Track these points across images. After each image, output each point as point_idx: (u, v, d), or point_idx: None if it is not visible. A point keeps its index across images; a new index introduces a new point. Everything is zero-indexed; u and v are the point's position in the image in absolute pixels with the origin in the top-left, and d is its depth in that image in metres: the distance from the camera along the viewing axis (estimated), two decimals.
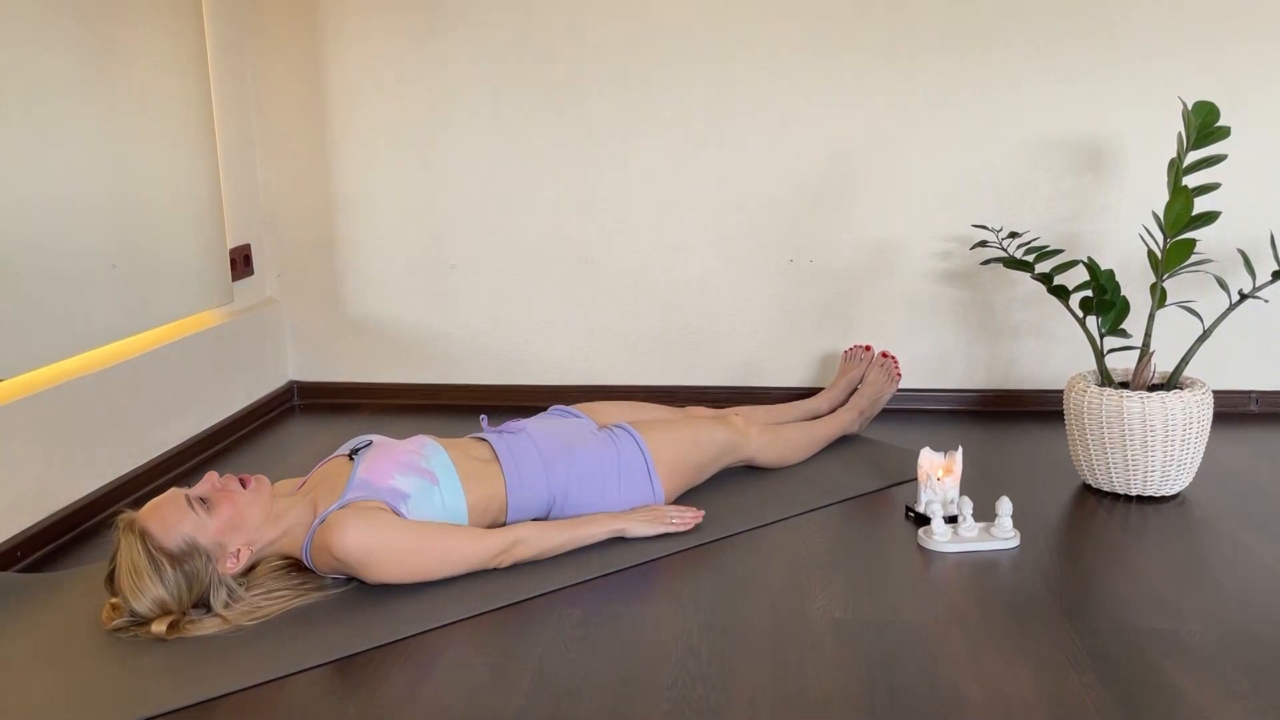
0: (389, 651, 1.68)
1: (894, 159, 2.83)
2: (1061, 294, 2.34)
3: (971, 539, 2.02)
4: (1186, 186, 2.15)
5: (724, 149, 2.88)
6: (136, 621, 1.72)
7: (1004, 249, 2.49)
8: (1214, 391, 2.29)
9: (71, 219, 2.25)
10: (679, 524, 2.06)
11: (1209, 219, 2.17)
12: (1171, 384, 2.26)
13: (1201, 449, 2.23)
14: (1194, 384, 2.25)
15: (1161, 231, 2.20)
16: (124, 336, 2.44)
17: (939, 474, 2.12)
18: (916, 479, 2.17)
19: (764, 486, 2.33)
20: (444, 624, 1.75)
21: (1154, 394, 2.18)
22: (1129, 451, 2.20)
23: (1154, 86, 2.70)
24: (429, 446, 2.00)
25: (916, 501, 2.16)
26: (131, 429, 2.43)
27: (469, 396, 3.09)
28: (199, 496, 1.79)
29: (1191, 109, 2.16)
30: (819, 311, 2.93)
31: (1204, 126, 2.15)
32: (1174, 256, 2.20)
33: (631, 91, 2.88)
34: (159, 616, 1.71)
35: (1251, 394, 2.84)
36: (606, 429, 2.19)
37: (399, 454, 1.95)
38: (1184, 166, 2.18)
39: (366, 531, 1.79)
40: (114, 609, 1.75)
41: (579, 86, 2.89)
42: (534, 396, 3.04)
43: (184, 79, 2.64)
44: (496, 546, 1.91)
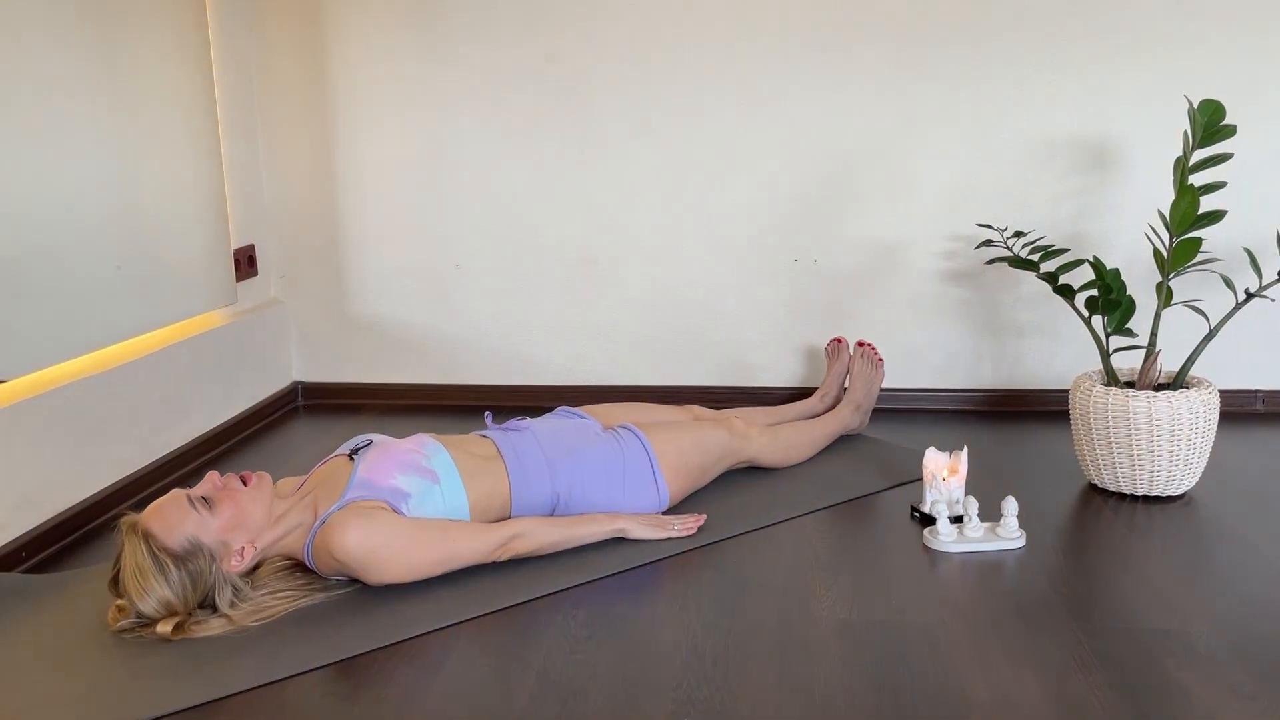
0: (393, 652, 1.67)
1: (898, 158, 2.83)
2: (1067, 293, 2.33)
3: (977, 539, 2.01)
4: (1192, 185, 2.15)
5: (728, 149, 2.88)
6: (142, 622, 1.72)
7: (1009, 248, 2.48)
8: (1220, 391, 2.29)
9: (76, 220, 2.25)
10: (681, 530, 2.06)
11: (1215, 218, 2.16)
12: (1177, 383, 2.26)
13: (1208, 449, 2.22)
14: (1200, 383, 2.24)
15: (1167, 230, 2.20)
16: (128, 337, 2.44)
17: (944, 474, 2.12)
18: (921, 479, 2.17)
19: (768, 487, 2.33)
20: (448, 624, 1.75)
21: (1160, 393, 2.18)
22: (1135, 451, 2.20)
23: (1160, 84, 2.70)
24: (430, 445, 2.00)
25: (922, 501, 2.15)
26: (136, 429, 2.43)
27: (473, 397, 3.09)
28: (201, 496, 1.79)
29: (1197, 107, 2.15)
30: (823, 312, 2.93)
31: (1210, 125, 2.15)
32: (1180, 255, 2.19)
33: (636, 91, 2.88)
34: (164, 617, 1.71)
35: (1257, 393, 2.83)
36: (611, 430, 2.19)
37: (400, 453, 1.95)
38: (1190, 165, 2.17)
39: (366, 532, 1.78)
40: (120, 610, 1.75)
41: (584, 88, 2.89)
42: (538, 397, 3.04)
43: (188, 80, 2.64)
44: (495, 540, 1.90)
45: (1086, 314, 2.31)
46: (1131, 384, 2.29)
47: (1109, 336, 2.29)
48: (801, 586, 1.87)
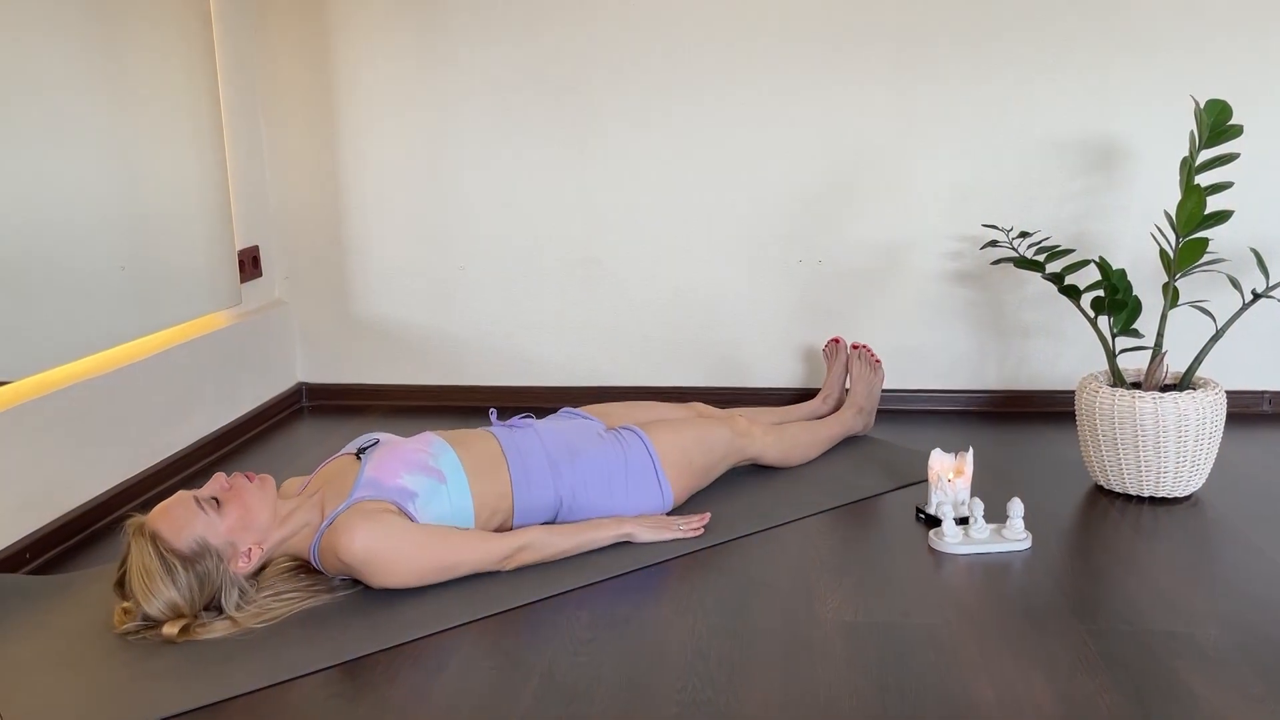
0: (397, 654, 1.67)
1: (903, 158, 2.82)
2: (1073, 294, 2.33)
3: (983, 541, 2.00)
4: (1199, 185, 2.14)
5: (732, 150, 2.87)
6: (148, 624, 1.72)
7: (1014, 249, 2.47)
8: (1227, 392, 2.28)
9: (80, 221, 2.25)
10: (686, 531, 2.06)
11: (1221, 218, 2.16)
12: (1184, 384, 2.25)
13: (1214, 450, 2.21)
14: (1207, 384, 2.23)
15: (1174, 231, 2.19)
16: (132, 338, 2.44)
17: (950, 475, 2.11)
18: (927, 480, 2.16)
19: (773, 488, 2.32)
20: (452, 626, 1.74)
21: (1166, 394, 2.17)
22: (1141, 452, 2.19)
23: (1166, 85, 2.69)
24: (436, 444, 1.99)
25: (927, 503, 2.15)
26: (140, 431, 2.43)
27: (477, 398, 3.09)
28: (208, 497, 1.79)
29: (1204, 107, 2.14)
30: (827, 313, 2.92)
31: (1216, 125, 2.14)
32: (1186, 256, 2.19)
33: (639, 92, 2.87)
34: (171, 619, 1.71)
35: (1264, 394, 2.82)
36: (614, 431, 2.18)
37: (407, 453, 1.95)
38: (1196, 165, 2.16)
39: (374, 535, 1.78)
40: (125, 613, 1.75)
41: (587, 89, 2.89)
42: (541, 398, 3.04)
43: (192, 81, 2.64)
44: (503, 550, 1.90)
45: (1093, 314, 2.31)
46: (1138, 385, 2.29)
47: (1115, 337, 2.28)
48: (806, 588, 1.86)
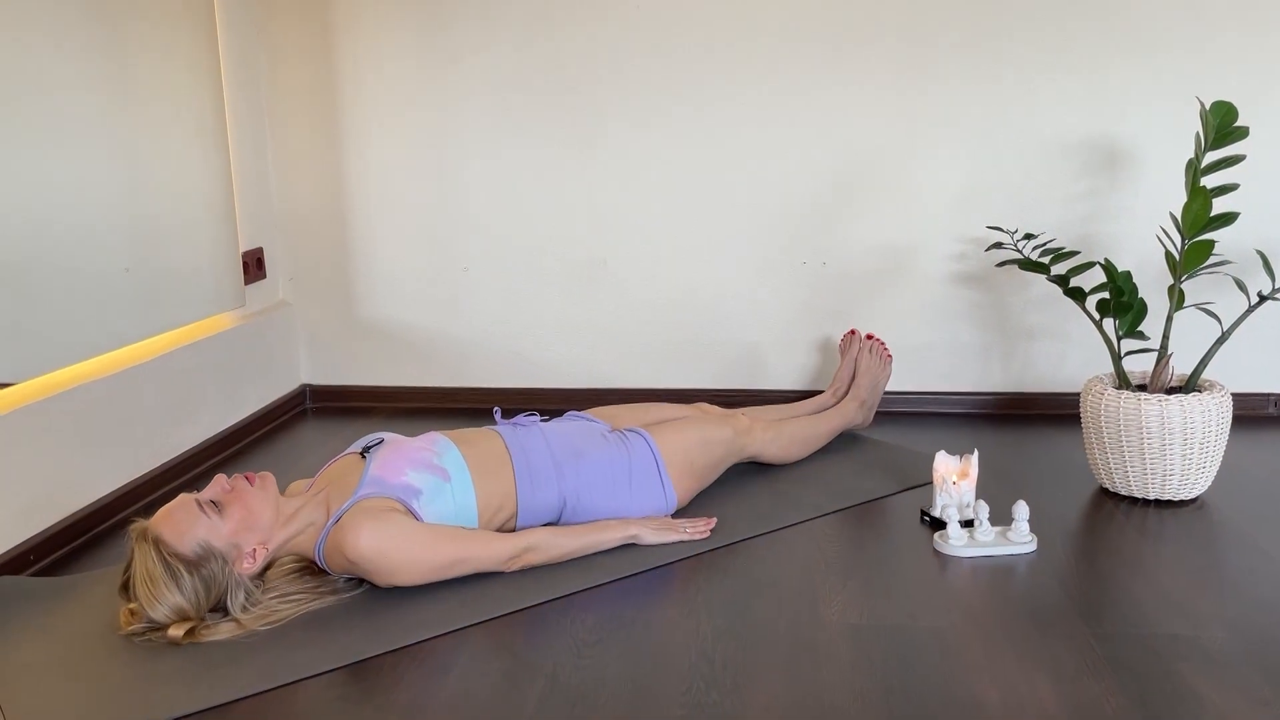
0: (402, 656, 1.67)
1: (908, 160, 2.82)
2: (1078, 296, 2.32)
3: (988, 543, 2.00)
4: (1205, 187, 2.13)
5: (737, 151, 2.87)
6: (153, 626, 1.72)
7: (1019, 250, 2.47)
8: (1232, 394, 2.27)
9: (84, 222, 2.25)
10: (692, 533, 2.06)
11: (1228, 220, 2.15)
12: (1190, 387, 2.24)
13: (1220, 452, 2.21)
14: (1213, 386, 2.23)
15: (1179, 232, 2.19)
16: (136, 340, 2.44)
17: (954, 478, 2.11)
18: (932, 483, 2.16)
19: (777, 491, 2.32)
20: (457, 628, 1.74)
21: (1172, 397, 2.16)
22: (1147, 455, 2.18)
23: (1171, 86, 2.68)
24: (441, 443, 2.00)
25: (932, 505, 2.14)
26: (144, 432, 2.43)
27: (481, 399, 3.09)
28: (210, 500, 1.79)
29: (1210, 109, 2.14)
30: (832, 315, 2.92)
31: (1222, 126, 2.13)
32: (1192, 258, 2.18)
33: (643, 93, 2.87)
34: (176, 622, 1.71)
35: (1270, 396, 2.82)
36: (618, 433, 2.18)
37: (411, 451, 1.95)
38: (1202, 167, 2.16)
39: (380, 534, 1.78)
40: (132, 614, 1.75)
41: (590, 90, 2.89)
42: (545, 399, 3.04)
43: (197, 83, 2.64)
44: (508, 551, 1.90)
45: (1098, 317, 2.30)
46: (1143, 387, 2.28)
47: (1120, 339, 2.28)
48: (811, 590, 1.86)
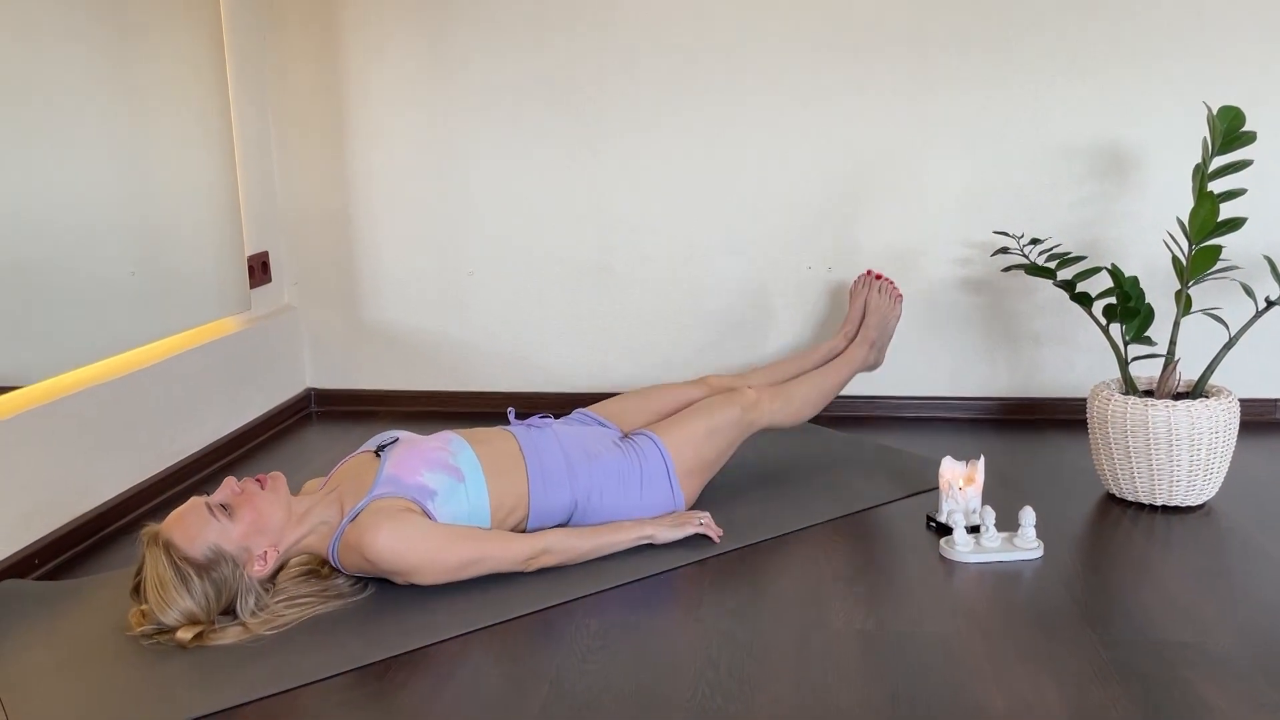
0: (407, 660, 1.67)
1: (913, 165, 2.82)
2: (1084, 301, 2.32)
3: (994, 549, 1.99)
4: (1212, 192, 2.13)
5: (741, 156, 2.87)
6: (163, 629, 1.72)
7: (1025, 255, 2.46)
8: (1240, 400, 2.26)
9: (90, 226, 2.26)
10: (708, 527, 2.06)
11: (1235, 225, 2.14)
12: (1197, 392, 2.24)
13: (1228, 458, 2.20)
14: (1220, 392, 2.22)
15: (1186, 238, 2.18)
16: (142, 343, 2.44)
17: (961, 483, 2.10)
18: (938, 488, 2.15)
19: (784, 496, 2.31)
20: (461, 633, 1.74)
21: (1179, 402, 2.16)
22: (1154, 461, 2.18)
23: (1178, 91, 2.68)
24: (455, 442, 1.99)
25: (938, 511, 2.14)
26: (149, 436, 2.44)
27: (486, 403, 3.09)
28: (220, 503, 1.79)
29: (1217, 114, 2.13)
30: (838, 319, 2.91)
31: (1229, 131, 2.13)
32: (1199, 263, 2.18)
33: (648, 98, 2.87)
34: (185, 625, 1.71)
35: (1277, 402, 2.81)
36: (629, 439, 2.17)
37: (426, 450, 1.95)
38: (1209, 172, 2.15)
39: (398, 534, 1.78)
40: (142, 615, 1.74)
41: (596, 94, 2.89)
42: (551, 403, 3.03)
43: (203, 87, 2.65)
44: (526, 552, 1.90)
45: (1104, 322, 2.29)
46: (1150, 393, 2.27)
47: (1127, 345, 2.27)
48: (817, 596, 1.86)
